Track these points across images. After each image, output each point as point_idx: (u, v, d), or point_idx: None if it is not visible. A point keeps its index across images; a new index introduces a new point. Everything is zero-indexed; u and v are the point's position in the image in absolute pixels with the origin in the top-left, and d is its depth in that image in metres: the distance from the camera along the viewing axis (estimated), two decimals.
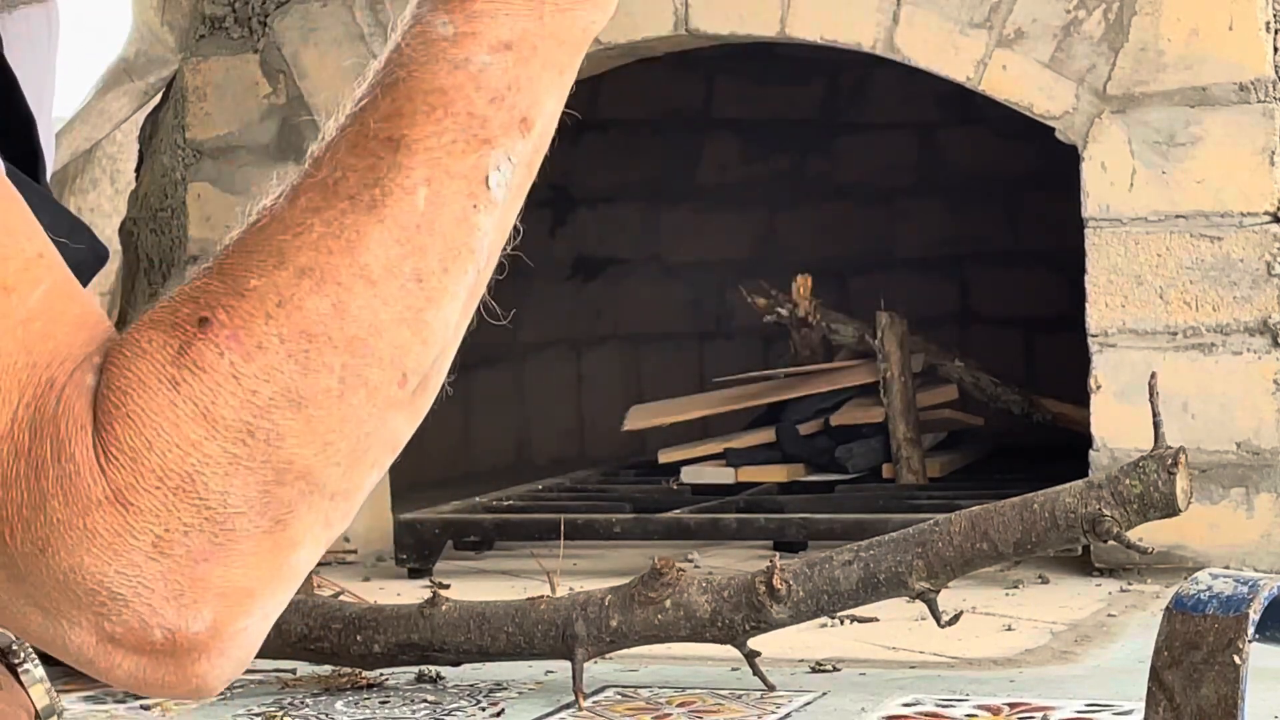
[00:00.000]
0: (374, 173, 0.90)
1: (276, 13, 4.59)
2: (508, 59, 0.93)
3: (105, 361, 0.86)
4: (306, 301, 0.87)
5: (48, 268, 0.89)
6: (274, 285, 0.88)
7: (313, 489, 0.86)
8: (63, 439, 0.84)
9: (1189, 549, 3.85)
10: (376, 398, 0.88)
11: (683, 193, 6.11)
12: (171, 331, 0.87)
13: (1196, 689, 1.75)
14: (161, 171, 4.81)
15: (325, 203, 0.90)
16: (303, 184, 0.91)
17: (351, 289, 0.87)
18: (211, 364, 0.85)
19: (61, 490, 0.83)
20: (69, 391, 0.85)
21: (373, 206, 0.89)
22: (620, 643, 3.02)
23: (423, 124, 0.91)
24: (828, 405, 4.96)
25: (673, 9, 4.30)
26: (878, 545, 2.96)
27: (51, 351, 0.86)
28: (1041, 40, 4.01)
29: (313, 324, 0.86)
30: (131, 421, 0.84)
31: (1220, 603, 1.77)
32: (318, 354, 0.86)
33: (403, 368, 0.89)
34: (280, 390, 0.85)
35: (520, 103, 0.94)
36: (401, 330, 0.89)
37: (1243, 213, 3.88)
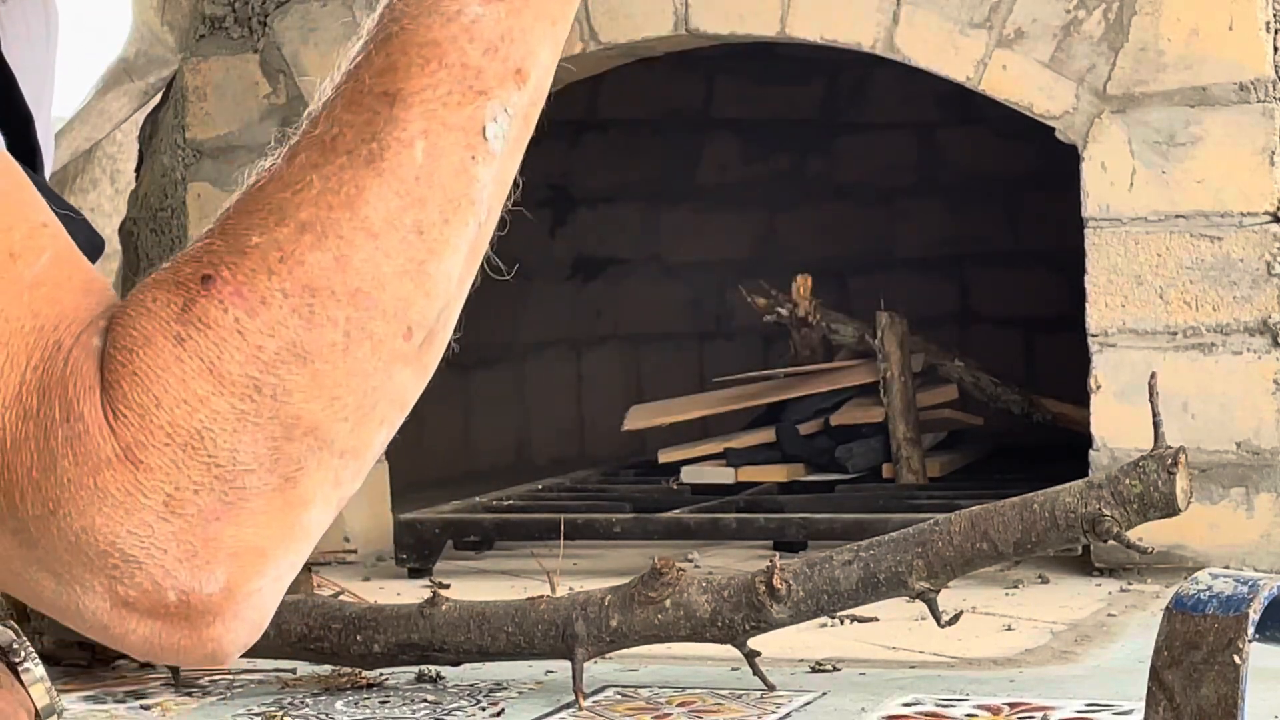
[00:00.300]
0: (371, 127, 0.91)
1: (276, 13, 4.59)
2: (500, 10, 0.93)
3: (111, 322, 0.86)
4: (308, 256, 0.87)
5: (52, 236, 0.90)
6: (275, 241, 0.87)
7: (321, 445, 0.86)
8: (71, 399, 0.84)
9: (1189, 549, 3.85)
10: (382, 351, 0.87)
11: (683, 193, 6.11)
12: (175, 290, 0.86)
13: (1196, 689, 1.75)
14: (161, 171, 4.81)
15: (323, 159, 0.91)
16: (300, 142, 0.93)
17: (353, 242, 0.87)
18: (216, 320, 0.85)
19: (71, 450, 0.83)
20: (76, 353, 0.85)
21: (371, 160, 0.90)
22: (620, 643, 3.02)
23: (417, 77, 0.92)
24: (828, 405, 4.96)
25: (673, 9, 4.30)
26: (878, 545, 2.96)
27: (58, 315, 0.86)
28: (1041, 40, 4.02)
29: (315, 278, 0.86)
30: (139, 379, 0.84)
31: (1220, 602, 1.77)
32: (321, 308, 0.86)
33: (407, 320, 0.89)
34: (285, 344, 0.85)
35: (514, 53, 0.93)
36: (404, 283, 0.89)
37: (1242, 213, 3.88)
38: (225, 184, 4.64)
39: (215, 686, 3.27)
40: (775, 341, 5.72)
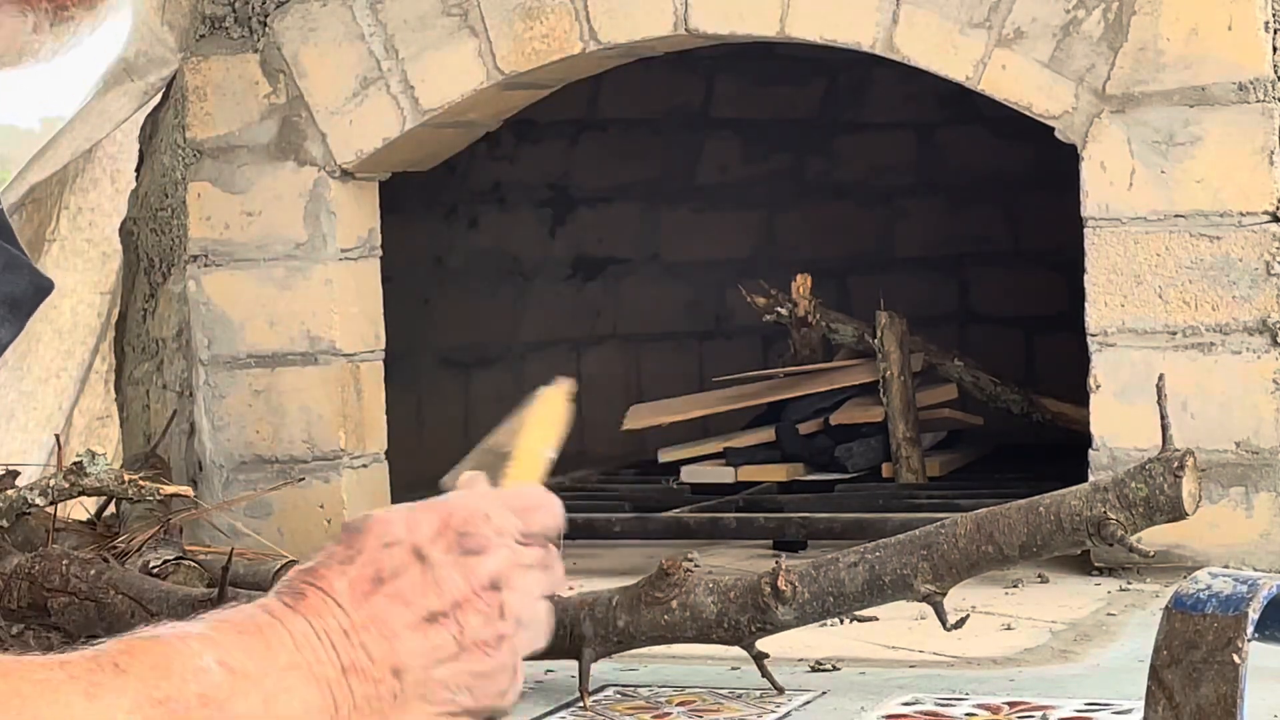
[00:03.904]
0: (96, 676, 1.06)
1: (276, 13, 4.59)
2: (227, 679, 1.08)
3: None
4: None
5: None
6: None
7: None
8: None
9: (1188, 548, 3.86)
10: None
11: (683, 193, 6.11)
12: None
13: (1196, 688, 1.75)
14: (161, 171, 4.82)
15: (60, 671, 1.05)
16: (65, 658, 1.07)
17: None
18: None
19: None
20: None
21: (88, 693, 1.05)
22: (628, 643, 3.02)
23: (146, 676, 1.07)
24: (827, 405, 4.96)
25: (672, 9, 4.30)
26: (883, 547, 2.96)
27: None
28: (1041, 40, 4.02)
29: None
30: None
31: (1219, 602, 1.77)
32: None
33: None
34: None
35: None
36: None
37: (1242, 212, 3.88)
38: (225, 184, 4.64)
39: None
40: (775, 341, 5.72)
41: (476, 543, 1.17)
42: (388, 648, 1.13)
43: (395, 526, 1.16)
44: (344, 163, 4.55)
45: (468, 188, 5.60)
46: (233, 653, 1.08)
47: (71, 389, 5.07)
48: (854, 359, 5.05)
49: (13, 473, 4.16)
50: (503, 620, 1.16)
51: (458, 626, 1.15)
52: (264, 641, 1.10)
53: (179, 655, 1.06)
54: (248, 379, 4.62)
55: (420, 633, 1.14)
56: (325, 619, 1.12)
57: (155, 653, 1.06)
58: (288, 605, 1.13)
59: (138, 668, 1.04)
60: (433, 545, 1.16)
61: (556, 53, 4.38)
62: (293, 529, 4.53)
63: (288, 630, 1.11)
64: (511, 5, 4.40)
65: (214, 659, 1.07)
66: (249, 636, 1.09)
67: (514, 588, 1.17)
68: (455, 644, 1.15)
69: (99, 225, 5.10)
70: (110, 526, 4.36)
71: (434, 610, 1.15)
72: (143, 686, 1.04)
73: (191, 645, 1.07)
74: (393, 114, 4.51)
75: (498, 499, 1.21)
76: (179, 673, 1.05)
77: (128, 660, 1.05)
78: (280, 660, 1.09)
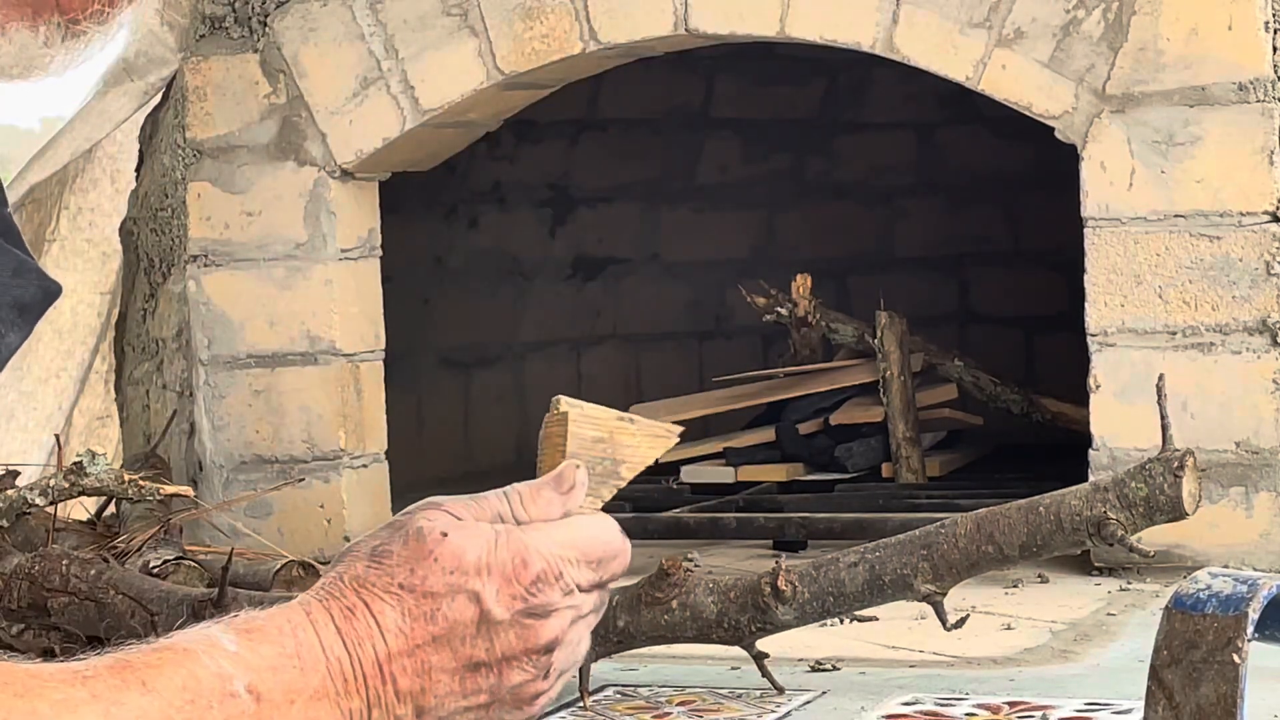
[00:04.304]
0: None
1: (276, 13, 4.59)
2: (253, 707, 1.06)
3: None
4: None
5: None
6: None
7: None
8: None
9: (1188, 548, 3.86)
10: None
11: (683, 193, 6.11)
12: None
13: (1196, 688, 1.75)
14: (161, 171, 4.82)
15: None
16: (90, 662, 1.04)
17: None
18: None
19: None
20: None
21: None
22: (628, 643, 3.02)
23: (170, 681, 1.05)
24: (827, 405, 4.96)
25: (672, 9, 4.30)
26: (883, 547, 2.96)
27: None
28: (1041, 40, 4.02)
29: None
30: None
31: (1219, 602, 1.77)
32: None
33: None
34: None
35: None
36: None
37: (1242, 212, 3.88)
38: (225, 184, 4.64)
39: None
40: (775, 341, 5.73)
41: (543, 606, 1.14)
42: (419, 688, 1.11)
43: (466, 560, 1.13)
44: (344, 163, 4.55)
45: (468, 188, 5.60)
46: (264, 676, 1.06)
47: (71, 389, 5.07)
48: (854, 359, 5.05)
49: (13, 473, 4.16)
50: (545, 680, 1.15)
51: (498, 680, 1.13)
52: (299, 661, 1.07)
53: (209, 677, 1.04)
54: (248, 379, 4.62)
55: (457, 678, 1.12)
56: (365, 648, 1.10)
57: (185, 671, 1.03)
58: (333, 619, 1.10)
59: (165, 687, 1.02)
60: (498, 600, 1.13)
61: (556, 53, 4.38)
62: (293, 529, 4.53)
63: (325, 653, 1.09)
64: (511, 5, 4.40)
65: (245, 684, 1.04)
66: (284, 653, 1.07)
67: (565, 643, 1.16)
68: (490, 694, 1.13)
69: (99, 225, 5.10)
70: (110, 526, 4.36)
71: (479, 661, 1.13)
72: (166, 710, 1.01)
73: (224, 666, 1.04)
74: (393, 114, 4.51)
75: (577, 547, 1.16)
76: (206, 697, 1.03)
77: (155, 677, 1.02)
78: (311, 684, 1.08)
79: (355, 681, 1.09)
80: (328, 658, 1.09)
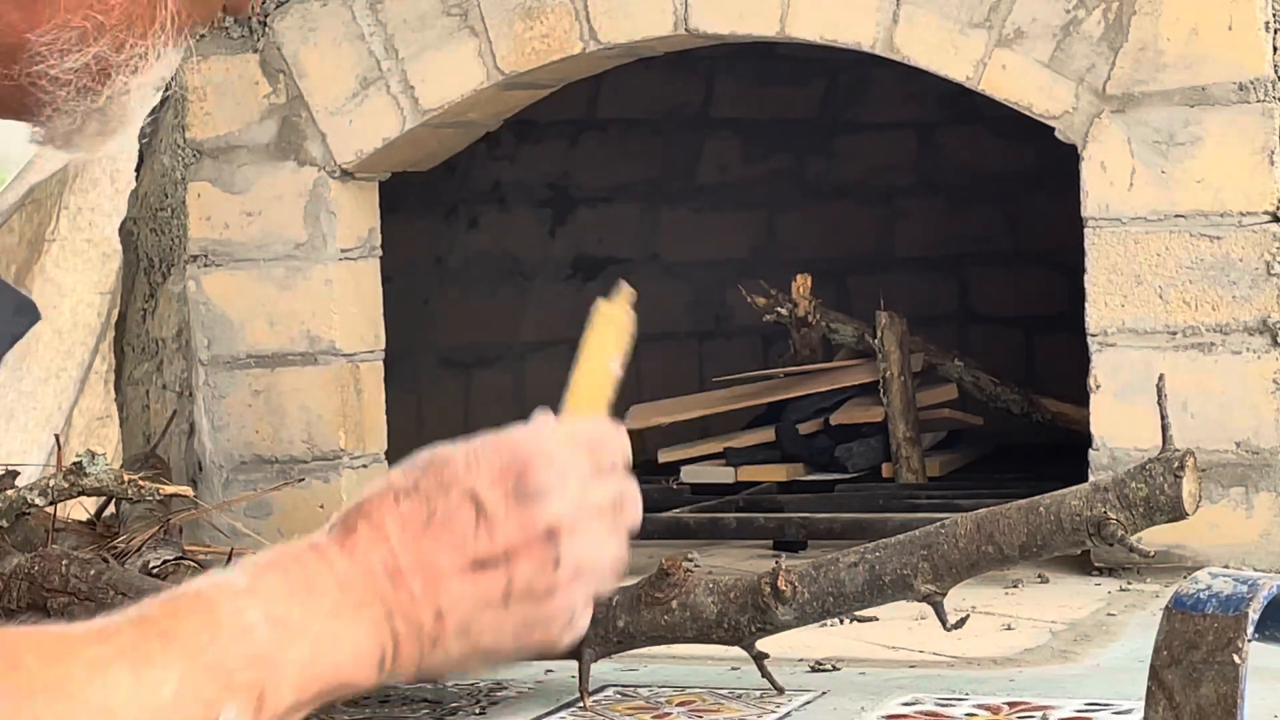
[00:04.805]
0: (143, 645, 1.04)
1: (276, 13, 4.59)
2: (272, 635, 1.05)
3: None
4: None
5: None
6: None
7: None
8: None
9: (1188, 548, 3.86)
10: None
11: (683, 193, 6.11)
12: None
13: (1196, 688, 1.75)
14: (161, 171, 4.82)
15: (100, 643, 1.03)
16: (93, 625, 1.05)
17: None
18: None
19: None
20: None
21: (134, 667, 1.02)
22: (628, 644, 3.02)
23: (191, 640, 1.04)
24: (827, 405, 4.96)
25: (672, 9, 4.30)
26: (883, 547, 2.96)
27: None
28: (1041, 40, 4.02)
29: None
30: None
31: (1219, 602, 1.77)
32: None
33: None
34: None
35: (268, 679, 1.05)
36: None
37: (1242, 212, 3.88)
38: (225, 184, 4.64)
39: None
40: (775, 341, 5.72)
41: (536, 489, 1.16)
42: (433, 591, 1.12)
43: (455, 465, 1.15)
44: (344, 163, 4.55)
45: (468, 188, 5.60)
46: (277, 603, 1.06)
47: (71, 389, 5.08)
48: (854, 359, 5.05)
49: (13, 473, 4.16)
50: (557, 570, 1.15)
51: (507, 575, 1.14)
52: (308, 586, 1.08)
53: (225, 614, 1.04)
54: (247, 379, 4.62)
55: (468, 579, 1.13)
56: (371, 558, 1.10)
57: (201, 615, 1.04)
58: (336, 542, 1.11)
59: (184, 633, 1.03)
60: (490, 490, 1.15)
61: (556, 53, 4.38)
62: (293, 529, 4.53)
63: (333, 572, 1.09)
64: (511, 5, 4.40)
65: (260, 614, 1.05)
66: (294, 581, 1.08)
67: (576, 533, 1.16)
68: (503, 592, 1.14)
69: (99, 225, 5.10)
70: (110, 526, 4.36)
71: (484, 557, 1.13)
72: (189, 654, 1.02)
73: (238, 602, 1.05)
74: (393, 114, 4.51)
75: (566, 436, 1.18)
76: (226, 634, 1.04)
77: (173, 625, 1.03)
78: (325, 605, 1.08)
79: (368, 591, 1.10)
80: (338, 576, 1.09)
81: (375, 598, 1.10)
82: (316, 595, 1.08)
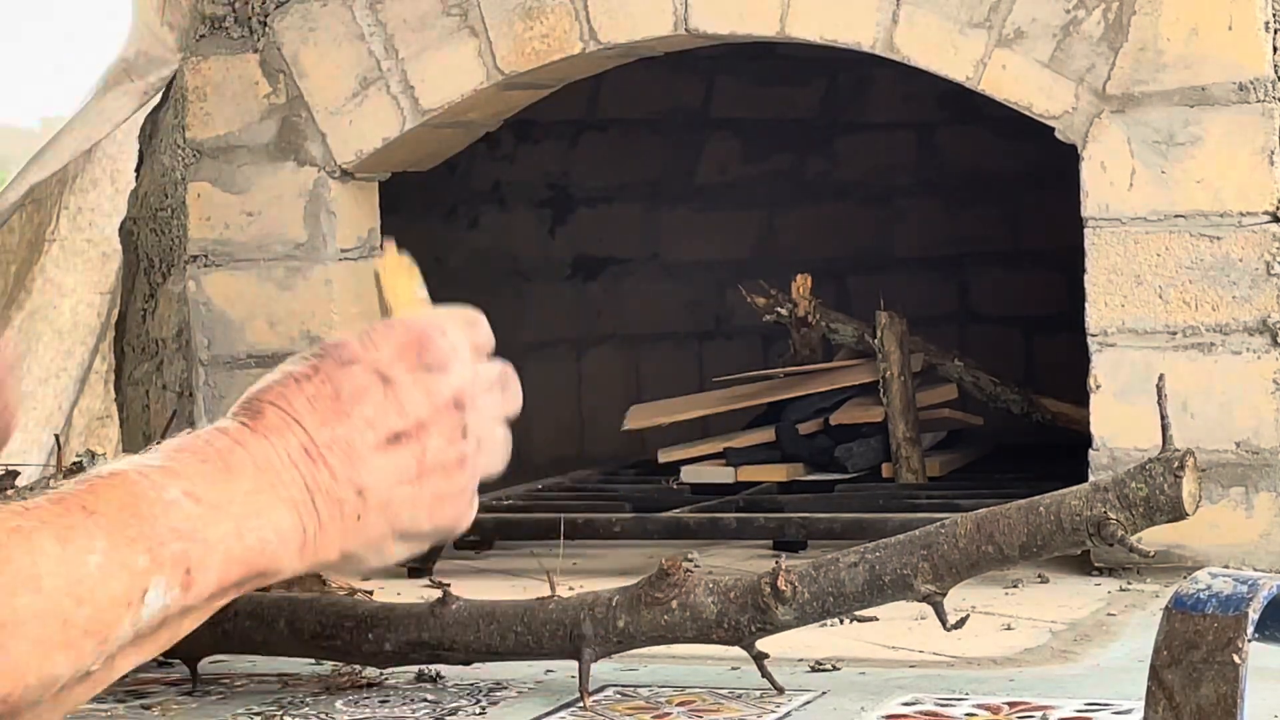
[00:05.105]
0: (67, 517, 1.03)
1: (276, 13, 4.59)
2: (195, 510, 1.04)
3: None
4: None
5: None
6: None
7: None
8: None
9: (1188, 548, 3.86)
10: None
11: (683, 193, 6.11)
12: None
13: (1196, 688, 1.75)
14: (161, 171, 4.82)
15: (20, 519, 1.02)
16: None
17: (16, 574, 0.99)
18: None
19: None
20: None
21: (60, 538, 1.01)
22: (628, 644, 3.02)
23: (114, 513, 1.03)
24: (827, 405, 4.96)
25: (672, 9, 4.30)
26: (883, 547, 2.96)
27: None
28: (1041, 40, 4.02)
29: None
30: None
31: (1219, 602, 1.77)
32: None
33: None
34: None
35: (192, 553, 1.03)
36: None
37: (1242, 212, 3.88)
38: (225, 184, 4.64)
39: (216, 686, 3.27)
40: (775, 341, 5.72)
41: (438, 360, 1.16)
42: (351, 468, 1.11)
43: (352, 346, 1.14)
44: (344, 163, 4.55)
45: (468, 188, 5.60)
46: (196, 482, 1.05)
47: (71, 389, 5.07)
48: (854, 359, 5.04)
49: (13, 473, 4.15)
50: (464, 440, 1.15)
51: (420, 447, 1.14)
52: (225, 467, 1.06)
53: (144, 490, 1.03)
54: (248, 379, 4.62)
55: (383, 453, 1.12)
56: (286, 438, 1.09)
57: (120, 490, 1.03)
58: (245, 425, 1.09)
59: (105, 507, 1.02)
60: (394, 364, 1.14)
61: (556, 53, 4.38)
62: None
63: (249, 453, 1.08)
64: (511, 5, 4.40)
65: (179, 490, 1.04)
66: (210, 464, 1.06)
67: (474, 407, 1.17)
68: (417, 465, 1.14)
69: (99, 225, 5.10)
70: None
71: (397, 430, 1.13)
72: (113, 526, 1.01)
73: (154, 478, 1.04)
74: (393, 114, 4.51)
75: (448, 317, 1.18)
76: (147, 508, 1.03)
77: (94, 500, 1.02)
78: (244, 485, 1.06)
79: (288, 471, 1.09)
80: (254, 457, 1.08)
81: (295, 477, 1.09)
82: (235, 475, 1.07)
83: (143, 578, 1.01)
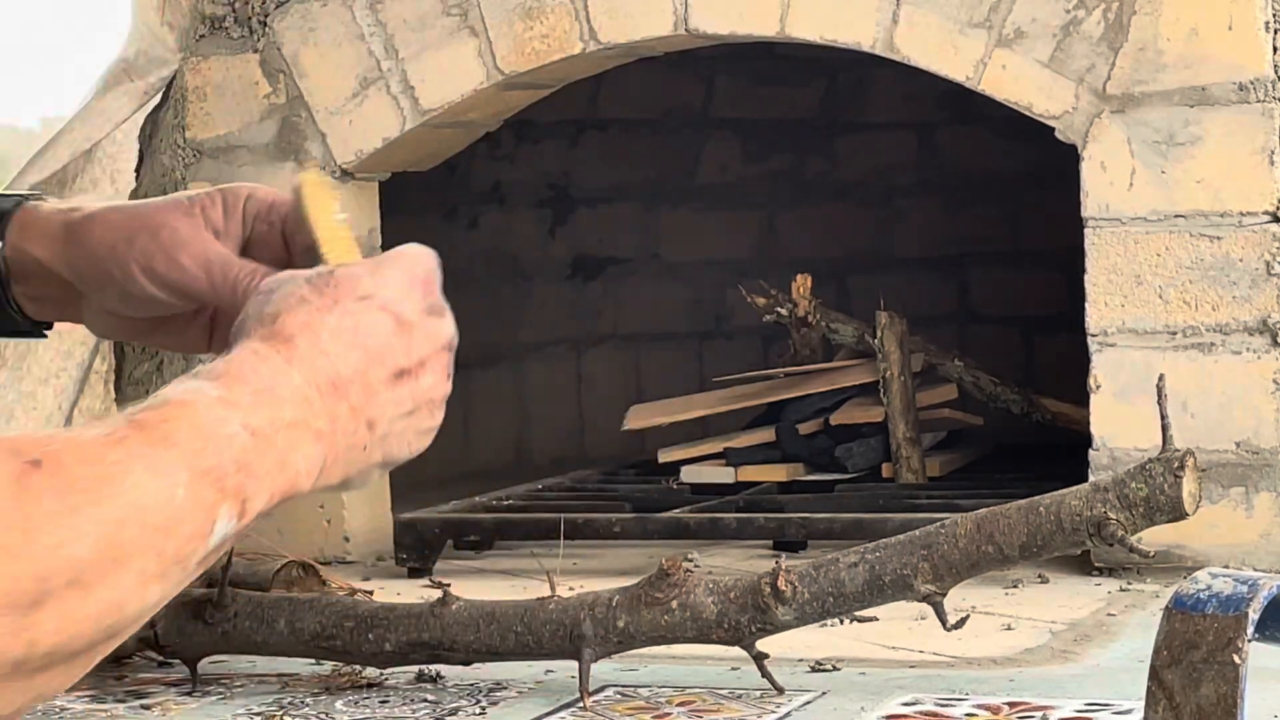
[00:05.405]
0: (148, 444, 1.05)
1: (276, 13, 4.59)
2: (251, 443, 1.08)
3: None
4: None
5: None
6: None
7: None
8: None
9: (1188, 548, 3.86)
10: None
11: (683, 193, 6.11)
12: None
13: (1196, 688, 1.75)
14: (161, 171, 4.82)
15: (109, 439, 1.04)
16: (99, 428, 1.06)
17: (86, 494, 1.01)
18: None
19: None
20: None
21: (147, 462, 1.04)
22: (628, 644, 3.02)
23: (189, 441, 1.06)
24: (827, 405, 4.96)
25: (672, 9, 4.30)
26: (883, 547, 2.96)
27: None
28: (1041, 40, 4.02)
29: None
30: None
31: (1220, 602, 1.77)
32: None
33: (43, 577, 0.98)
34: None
35: (248, 486, 1.08)
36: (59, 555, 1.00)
37: (1242, 212, 3.88)
38: (225, 184, 4.63)
39: (216, 686, 3.27)
40: (775, 341, 5.72)
41: (438, 304, 1.23)
42: (367, 402, 1.16)
43: (365, 282, 1.19)
44: (344, 163, 4.55)
45: (468, 188, 5.60)
46: (250, 415, 1.09)
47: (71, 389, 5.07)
48: (854, 359, 5.04)
49: None
50: (447, 381, 1.23)
51: (416, 383, 1.20)
52: (274, 400, 1.11)
53: (211, 423, 1.07)
54: None
55: (389, 388, 1.18)
56: (317, 370, 1.13)
57: (190, 421, 1.07)
58: (280, 353, 1.13)
59: (182, 439, 1.05)
60: (403, 302, 1.20)
61: (556, 53, 4.38)
62: (293, 529, 4.53)
63: (289, 384, 1.12)
64: (511, 5, 4.40)
65: (239, 423, 1.08)
66: (260, 396, 1.11)
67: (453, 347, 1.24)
68: (412, 400, 1.20)
69: None
70: None
71: (402, 368, 1.19)
72: (191, 459, 1.05)
73: (217, 411, 1.08)
74: (393, 114, 4.51)
75: (404, 257, 1.24)
76: (215, 441, 1.06)
77: (173, 431, 1.05)
78: (286, 417, 1.11)
79: (317, 403, 1.13)
80: (292, 387, 1.12)
81: (323, 409, 1.13)
82: (280, 406, 1.11)
83: (213, 510, 1.05)
